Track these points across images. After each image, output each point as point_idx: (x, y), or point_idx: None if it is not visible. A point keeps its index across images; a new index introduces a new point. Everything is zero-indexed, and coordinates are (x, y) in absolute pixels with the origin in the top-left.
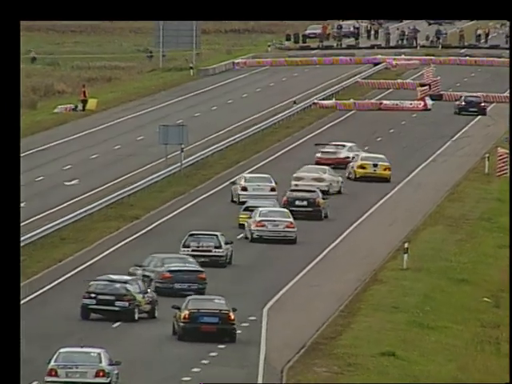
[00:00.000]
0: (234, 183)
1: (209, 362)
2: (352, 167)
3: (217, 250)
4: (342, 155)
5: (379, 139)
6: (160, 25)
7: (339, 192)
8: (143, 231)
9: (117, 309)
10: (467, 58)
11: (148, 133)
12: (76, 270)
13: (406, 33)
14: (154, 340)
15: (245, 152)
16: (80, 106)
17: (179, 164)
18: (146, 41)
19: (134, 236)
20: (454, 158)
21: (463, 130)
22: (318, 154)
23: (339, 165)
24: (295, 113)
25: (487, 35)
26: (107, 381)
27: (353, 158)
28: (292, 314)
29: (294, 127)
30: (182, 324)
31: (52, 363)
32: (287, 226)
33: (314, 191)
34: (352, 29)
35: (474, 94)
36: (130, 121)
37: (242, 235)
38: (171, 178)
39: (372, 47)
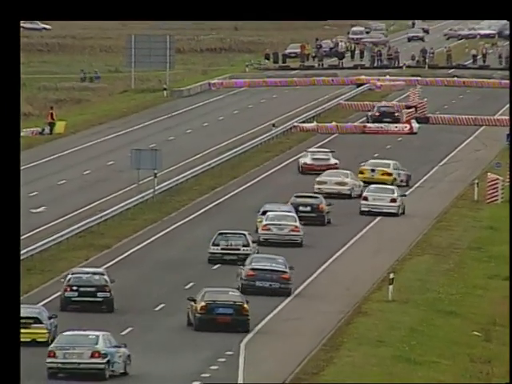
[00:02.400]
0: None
1: None
2: None
3: (245, 248)
4: (332, 161)
5: (363, 164)
6: (132, 43)
7: (360, 196)
8: (114, 261)
9: (99, 299)
10: (455, 78)
11: (119, 157)
12: (43, 303)
13: (386, 53)
14: None
15: (221, 177)
16: (47, 129)
17: (152, 190)
18: (117, 60)
19: (105, 266)
20: (441, 184)
21: (451, 155)
22: (306, 160)
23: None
24: (274, 136)
25: (484, 55)
26: (103, 361)
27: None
28: (272, 348)
29: (274, 151)
30: (198, 315)
31: (52, 345)
32: (292, 230)
33: (317, 197)
34: (329, 48)
35: (388, 104)
36: (100, 145)
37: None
38: (144, 205)
39: (355, 67)
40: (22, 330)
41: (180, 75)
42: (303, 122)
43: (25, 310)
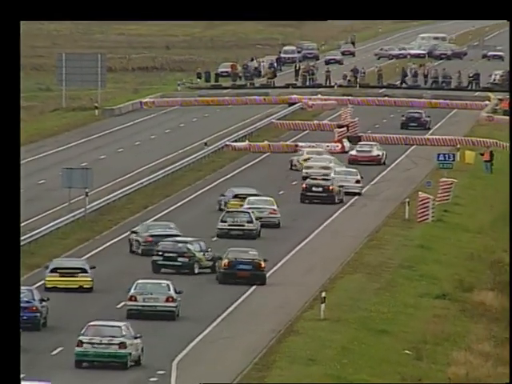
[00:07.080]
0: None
1: None
2: None
3: (249, 224)
4: (375, 153)
5: (295, 183)
6: (63, 61)
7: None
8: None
9: (179, 264)
10: (386, 98)
11: (50, 176)
12: None
13: (302, 71)
14: None
15: (153, 196)
16: None
17: (83, 209)
18: (48, 79)
19: (35, 286)
20: (373, 203)
21: (382, 174)
22: (353, 152)
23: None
24: (206, 155)
25: (426, 76)
26: (174, 305)
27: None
28: (203, 368)
29: (206, 170)
30: (222, 270)
31: (132, 291)
32: (270, 213)
33: (328, 179)
34: (254, 68)
35: (416, 110)
36: (30, 163)
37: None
38: (75, 224)
39: (287, 86)
40: (71, 279)
41: (111, 94)
42: (235, 140)
43: (71, 262)
